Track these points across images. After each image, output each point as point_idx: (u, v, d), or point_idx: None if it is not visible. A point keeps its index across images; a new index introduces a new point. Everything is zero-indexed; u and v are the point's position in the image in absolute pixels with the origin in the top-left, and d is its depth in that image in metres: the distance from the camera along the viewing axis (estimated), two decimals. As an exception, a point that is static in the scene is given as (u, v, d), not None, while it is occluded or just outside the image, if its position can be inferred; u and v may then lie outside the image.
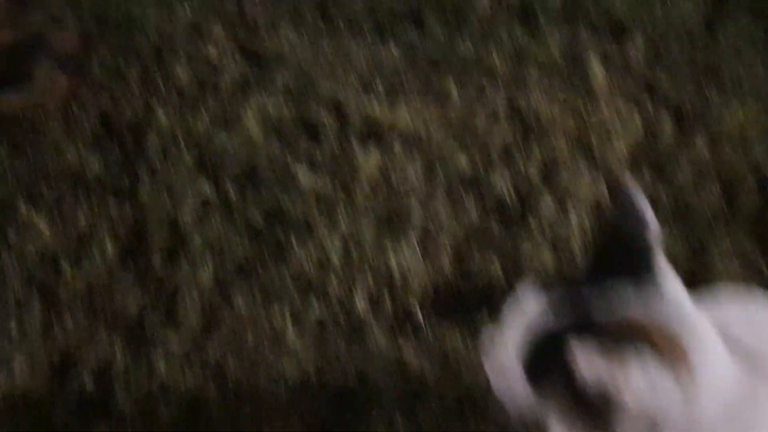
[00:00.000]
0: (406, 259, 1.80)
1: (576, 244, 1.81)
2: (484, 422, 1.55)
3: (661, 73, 2.22)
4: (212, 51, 2.31)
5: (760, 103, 2.14)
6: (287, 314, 1.71)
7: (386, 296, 1.75)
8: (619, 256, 0.89)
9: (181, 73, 2.22)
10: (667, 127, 2.04)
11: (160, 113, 2.09)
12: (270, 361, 1.64)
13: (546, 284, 0.94)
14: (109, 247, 1.82)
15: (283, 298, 1.74)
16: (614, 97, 2.11)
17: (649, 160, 1.97)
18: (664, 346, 0.84)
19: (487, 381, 1.19)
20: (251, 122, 2.09)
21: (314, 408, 1.57)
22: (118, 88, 2.16)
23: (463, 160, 2.00)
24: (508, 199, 1.91)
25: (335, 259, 1.80)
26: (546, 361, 0.88)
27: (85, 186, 1.94)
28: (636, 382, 0.82)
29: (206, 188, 1.93)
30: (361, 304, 1.73)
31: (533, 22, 2.31)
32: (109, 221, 1.87)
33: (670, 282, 0.89)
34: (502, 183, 1.93)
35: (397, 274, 1.77)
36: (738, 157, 1.97)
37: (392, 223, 1.89)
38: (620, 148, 1.98)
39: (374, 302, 1.74)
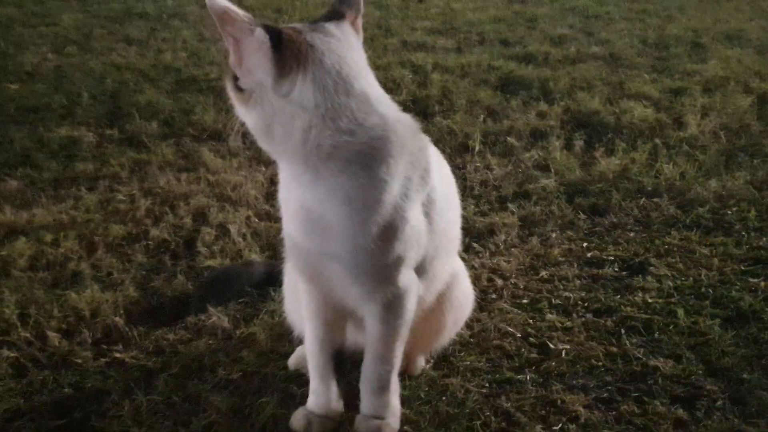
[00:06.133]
0: (92, 298, 1.78)
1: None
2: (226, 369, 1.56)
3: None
4: None
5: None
6: (-29, 373, 1.54)
7: (82, 328, 1.69)
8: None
9: None
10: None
11: None
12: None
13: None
14: None
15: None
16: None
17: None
18: None
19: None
20: None
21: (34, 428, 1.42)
22: None
23: (117, 229, 2.10)
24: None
25: (13, 318, 1.70)
26: None
27: None
28: None
29: None
30: (55, 341, 1.65)
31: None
32: None
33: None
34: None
35: (86, 311, 1.74)
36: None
37: (60, 284, 1.87)
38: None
39: (70, 336, 1.68)
